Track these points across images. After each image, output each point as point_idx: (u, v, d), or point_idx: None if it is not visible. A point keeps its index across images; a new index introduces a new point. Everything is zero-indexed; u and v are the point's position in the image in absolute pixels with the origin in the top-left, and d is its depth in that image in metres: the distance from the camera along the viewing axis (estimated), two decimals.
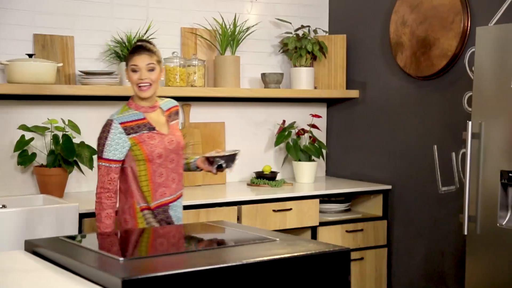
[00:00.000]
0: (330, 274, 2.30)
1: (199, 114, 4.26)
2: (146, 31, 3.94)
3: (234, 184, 4.31)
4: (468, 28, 3.76)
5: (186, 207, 3.55)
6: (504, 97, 3.00)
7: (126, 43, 3.85)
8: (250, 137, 4.47)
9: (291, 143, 4.41)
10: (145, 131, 2.85)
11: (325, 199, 4.16)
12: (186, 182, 4.09)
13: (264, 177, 4.22)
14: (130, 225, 2.88)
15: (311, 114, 4.48)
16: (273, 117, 4.54)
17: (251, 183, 4.22)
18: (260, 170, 4.34)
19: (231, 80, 4.15)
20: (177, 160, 2.93)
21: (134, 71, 2.84)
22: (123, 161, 2.85)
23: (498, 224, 3.02)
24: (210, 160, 3.00)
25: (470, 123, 3.11)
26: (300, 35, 4.44)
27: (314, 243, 2.55)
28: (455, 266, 3.86)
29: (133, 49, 2.87)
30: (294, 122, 4.50)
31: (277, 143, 4.40)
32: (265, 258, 2.17)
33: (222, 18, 4.23)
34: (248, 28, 4.31)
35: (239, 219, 3.71)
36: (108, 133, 2.80)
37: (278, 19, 4.50)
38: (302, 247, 2.35)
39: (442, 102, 3.96)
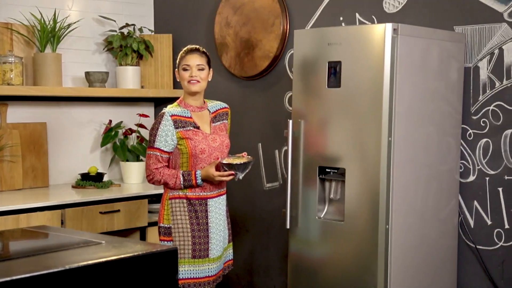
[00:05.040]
0: (158, 274, 2.30)
1: (17, 114, 4.02)
2: None
3: (58, 186, 4.13)
4: (288, 30, 3.94)
5: (4, 213, 3.35)
6: (320, 97, 3.18)
7: None
8: (74, 138, 4.31)
9: (118, 143, 4.33)
10: (191, 127, 3.05)
11: (153, 199, 4.13)
12: (4, 186, 3.85)
13: (90, 179, 4.10)
14: (160, 210, 3.11)
15: (138, 114, 4.43)
16: (99, 117, 4.42)
17: (76, 185, 4.07)
18: (86, 171, 4.21)
19: (52, 79, 3.97)
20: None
21: (185, 69, 3.08)
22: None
23: (316, 217, 3.21)
24: (224, 166, 3.02)
25: (290, 121, 3.26)
26: (125, 33, 4.37)
27: (141, 244, 2.54)
28: (279, 259, 4.03)
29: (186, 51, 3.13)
30: (121, 122, 4.42)
31: (103, 143, 4.29)
32: (90, 262, 2.12)
33: (41, 14, 4.03)
34: (69, 25, 4.14)
35: (63, 223, 3.56)
36: (159, 124, 3.01)
37: (102, 16, 4.39)
38: (129, 249, 2.33)
39: (265, 101, 4.11)
